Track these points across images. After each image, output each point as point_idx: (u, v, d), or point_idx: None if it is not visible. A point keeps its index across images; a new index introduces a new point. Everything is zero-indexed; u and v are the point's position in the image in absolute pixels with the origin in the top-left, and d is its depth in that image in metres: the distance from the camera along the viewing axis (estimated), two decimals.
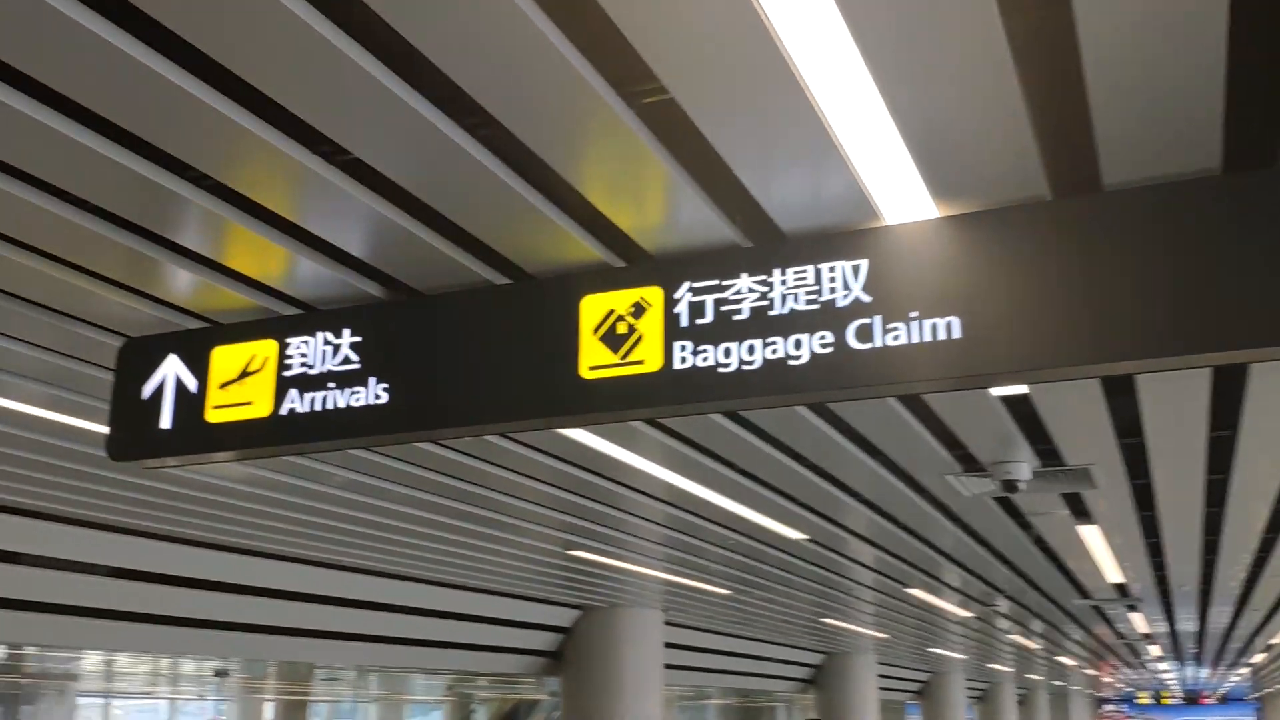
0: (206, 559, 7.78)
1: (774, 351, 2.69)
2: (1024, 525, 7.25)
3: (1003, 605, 11.99)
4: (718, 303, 2.77)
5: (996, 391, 4.16)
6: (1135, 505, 6.38)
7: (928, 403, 4.47)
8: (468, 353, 2.96)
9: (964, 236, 2.61)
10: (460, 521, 6.69)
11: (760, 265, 2.76)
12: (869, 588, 10.39)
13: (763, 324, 2.72)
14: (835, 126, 2.42)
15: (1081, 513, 6.73)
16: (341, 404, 3.04)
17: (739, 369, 2.71)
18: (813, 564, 8.81)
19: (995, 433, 4.81)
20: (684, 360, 2.76)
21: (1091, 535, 7.32)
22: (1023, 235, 2.56)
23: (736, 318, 2.74)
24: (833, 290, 2.68)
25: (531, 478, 5.64)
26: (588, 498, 6.18)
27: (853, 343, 2.63)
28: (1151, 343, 2.42)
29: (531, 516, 6.65)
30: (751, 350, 2.71)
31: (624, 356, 2.81)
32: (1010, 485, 5.23)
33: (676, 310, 2.80)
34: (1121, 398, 4.43)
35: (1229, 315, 2.36)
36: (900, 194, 2.68)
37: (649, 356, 2.79)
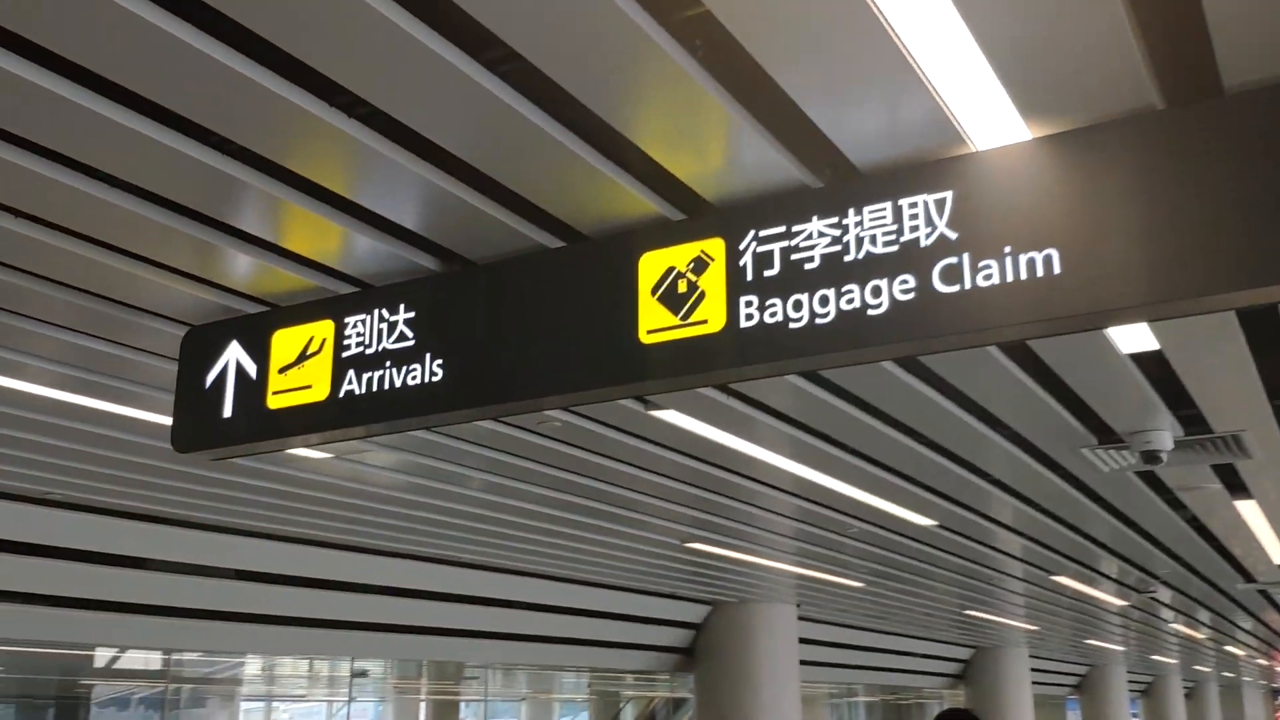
0: (349, 561, 7.91)
1: (850, 301, 2.41)
2: (1175, 504, 6.69)
3: (1160, 592, 11.24)
4: (786, 251, 2.51)
5: (1126, 348, 3.75)
6: None
7: (1052, 367, 4.08)
8: (523, 322, 2.77)
9: (1060, 158, 2.28)
10: (589, 519, 6.63)
11: (833, 206, 2.49)
12: (1012, 576, 9.85)
13: (837, 271, 2.44)
14: (907, 41, 2.13)
15: (1238, 487, 6.16)
16: (398, 383, 2.89)
17: (811, 323, 2.44)
18: (948, 552, 8.37)
19: (1130, 398, 4.38)
20: (750, 317, 2.51)
21: (1250, 511, 6.71)
22: (1128, 152, 2.22)
23: (808, 266, 2.48)
24: (914, 229, 2.39)
25: (654, 472, 5.51)
26: (708, 489, 5.98)
27: (939, 285, 2.34)
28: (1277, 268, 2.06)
29: (655, 511, 6.49)
30: (825, 301, 2.44)
31: (685, 317, 2.57)
32: (1151, 456, 4.78)
33: (741, 263, 2.55)
34: (1273, 355, 3.97)
35: None
36: (986, 115, 2.37)
37: (712, 315, 2.54)
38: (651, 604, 11.00)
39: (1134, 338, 3.63)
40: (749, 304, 2.51)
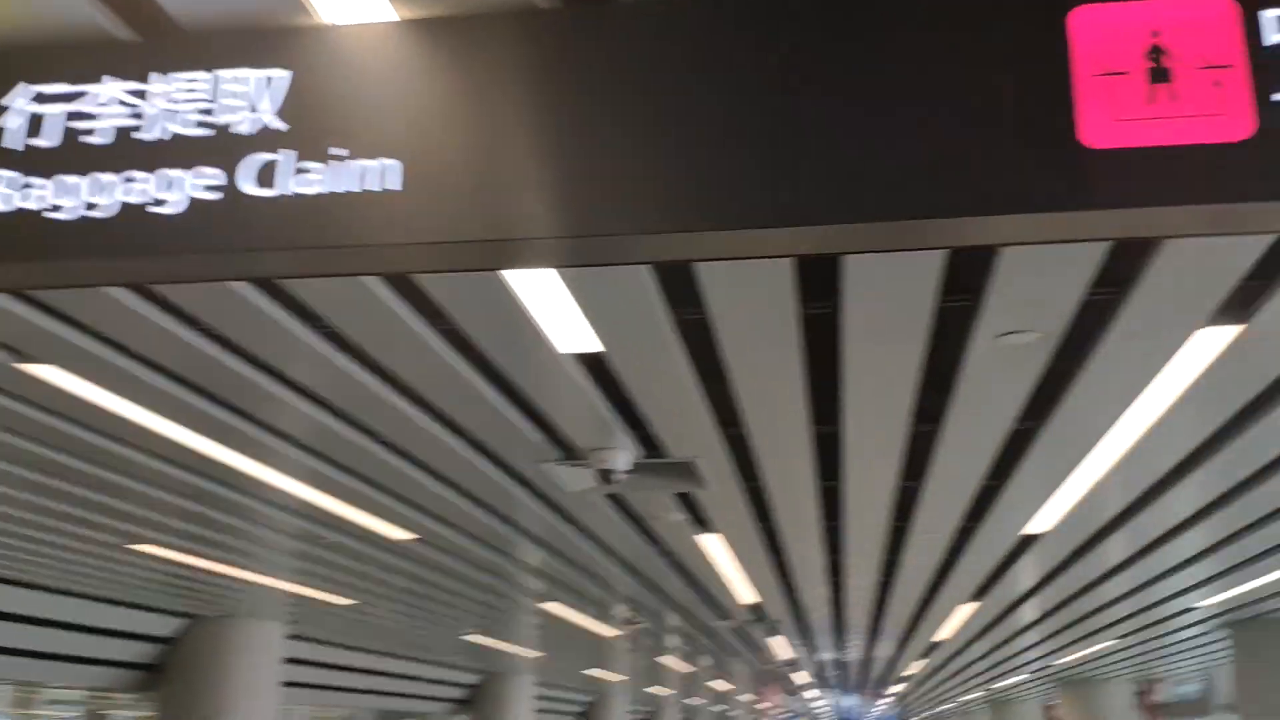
0: None
1: (137, 193, 1.80)
2: (649, 535, 6.69)
3: (646, 624, 11.56)
4: (70, 117, 1.85)
5: (564, 346, 3.45)
6: (752, 513, 5.93)
7: (496, 365, 3.72)
8: None
9: (429, 50, 1.82)
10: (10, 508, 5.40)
11: (135, 67, 1.86)
12: (504, 597, 9.62)
13: (127, 152, 1.82)
14: None
15: (701, 520, 6.23)
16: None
17: (83, 218, 1.79)
18: (432, 568, 7.93)
19: (583, 410, 4.12)
20: (5, 199, 1.81)
21: (715, 546, 6.86)
22: (504, 52, 1.80)
23: (90, 140, 1.83)
24: (235, 110, 1.82)
25: (61, 449, 4.50)
26: (140, 479, 5.04)
27: (248, 186, 1.78)
28: (663, 217, 1.71)
29: (89, 504, 5.43)
30: (105, 190, 1.80)
31: None
32: (609, 476, 4.57)
33: (2, 124, 1.86)
34: (720, 382, 3.86)
35: (800, 183, 1.68)
36: None
37: None
38: (106, 613, 9.62)
39: (572, 335, 3.32)
40: (7, 182, 1.82)
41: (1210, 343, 3.13)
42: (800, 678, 20.99)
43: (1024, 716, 25.29)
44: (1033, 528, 5.98)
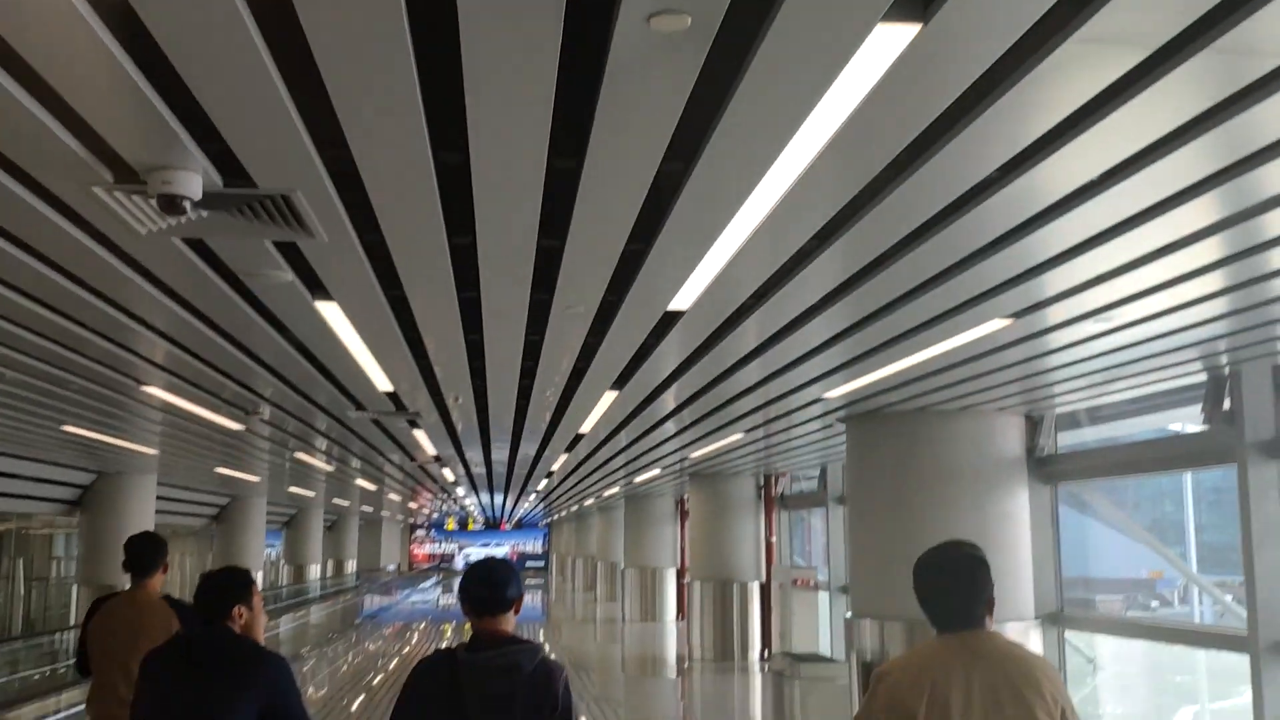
0: None
1: None
2: (254, 302, 5.80)
3: (272, 415, 10.67)
4: None
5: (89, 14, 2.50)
6: (375, 276, 5.20)
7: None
8: None
9: None
10: None
11: None
12: (91, 383, 8.39)
13: None
14: None
15: (317, 286, 5.43)
16: None
17: None
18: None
19: (129, 111, 3.17)
20: None
21: (336, 318, 6.08)
22: None
23: None
24: None
25: None
26: None
27: None
28: None
29: None
30: None
31: None
32: (173, 205, 3.64)
33: None
34: (316, 93, 3.04)
35: None
36: None
37: None
38: None
39: None
40: None
41: (883, 48, 2.70)
42: (446, 474, 20.88)
43: (658, 509, 26.81)
44: (676, 303, 5.66)
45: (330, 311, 5.90)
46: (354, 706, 14.79)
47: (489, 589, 3.52)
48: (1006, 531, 9.29)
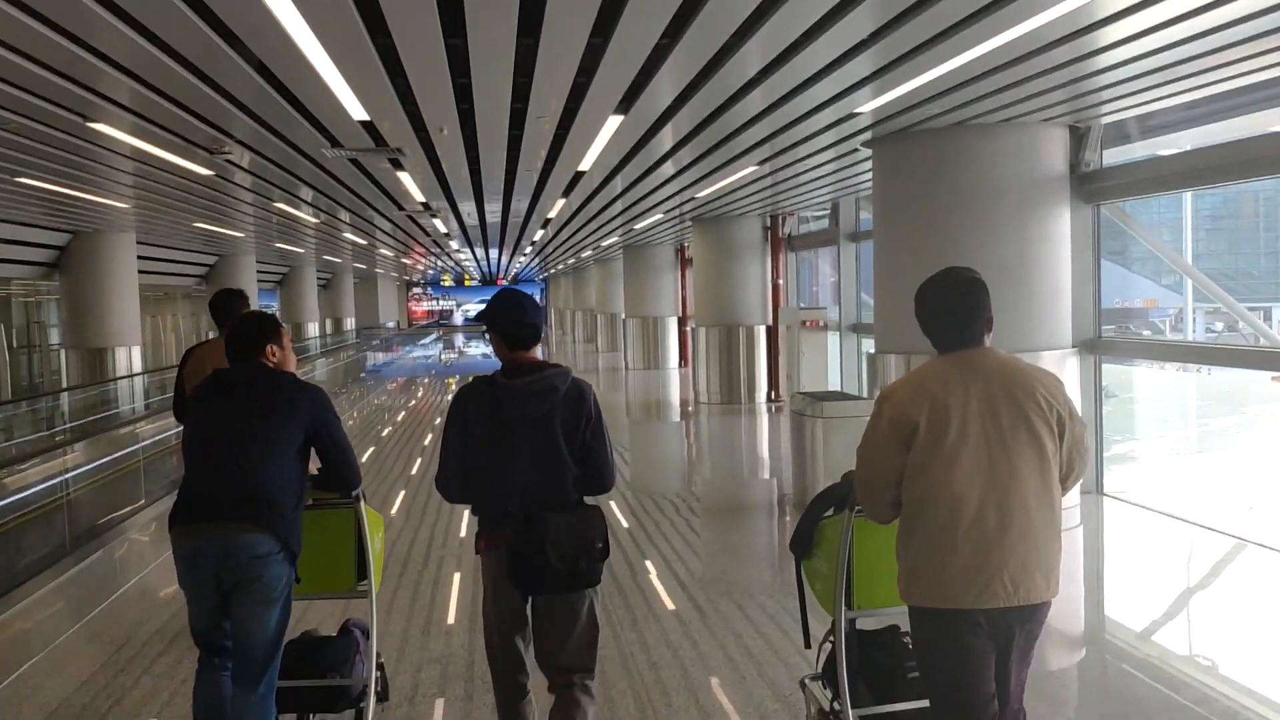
0: None
1: None
2: (216, 25, 4.90)
3: (241, 157, 9.79)
4: None
5: None
6: None
7: None
8: None
9: None
10: None
11: None
12: (38, 124, 7.52)
13: None
14: None
15: None
16: None
17: None
18: None
19: None
20: None
21: (298, 29, 5.17)
22: None
23: None
24: None
25: None
26: None
27: None
28: None
29: None
30: None
31: None
32: None
33: None
34: None
35: None
36: None
37: None
38: None
39: None
40: None
41: None
42: (438, 226, 20.10)
43: (658, 258, 26.23)
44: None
45: (288, 16, 4.97)
46: (364, 459, 14.65)
47: (524, 327, 3.76)
48: (1047, 254, 8.63)
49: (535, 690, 3.81)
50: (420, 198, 14.19)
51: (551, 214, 17.35)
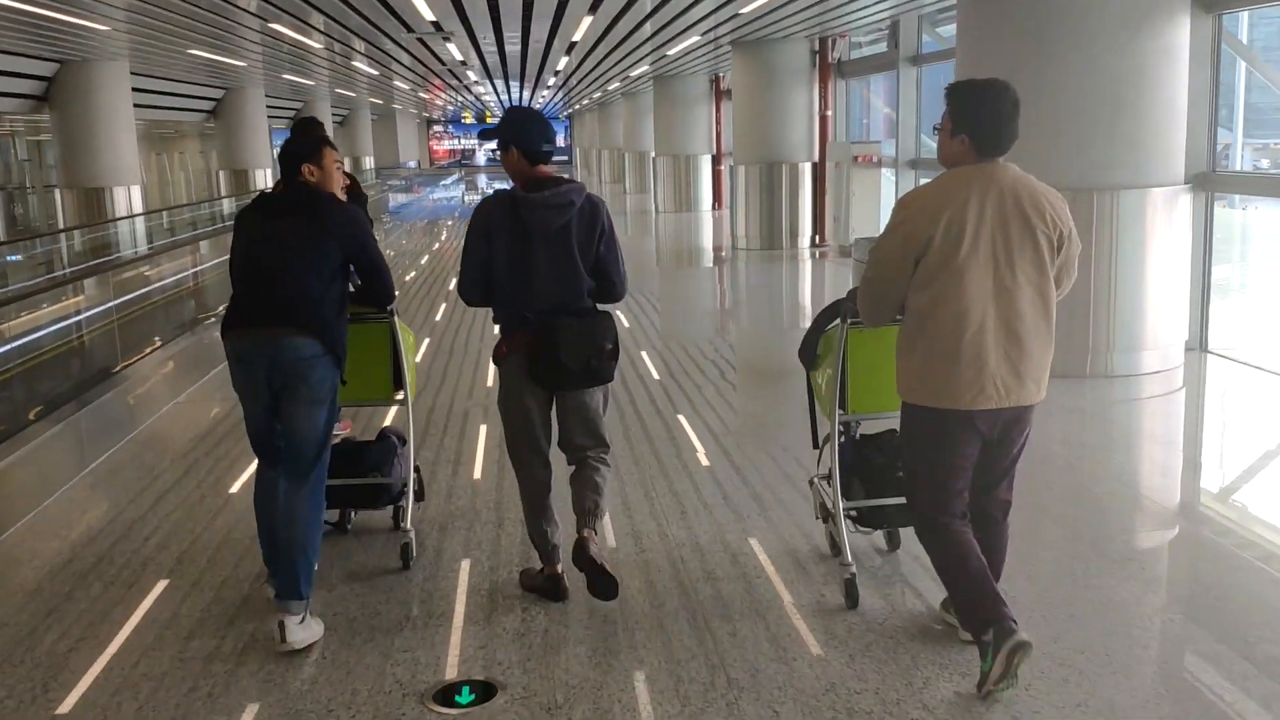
0: None
1: None
2: None
3: None
4: None
5: None
6: None
7: None
8: None
9: None
10: None
11: None
12: None
13: None
14: None
15: None
16: None
17: None
18: None
19: None
20: None
21: None
22: None
23: None
24: None
25: None
26: None
27: None
28: None
29: None
30: None
31: None
32: None
33: None
34: None
35: None
36: None
37: None
38: None
39: None
40: None
41: None
42: (456, 53, 18.60)
43: (691, 90, 24.61)
44: None
45: None
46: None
47: (547, 141, 3.98)
48: (1163, 72, 7.33)
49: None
50: (430, 15, 12.77)
51: (576, 36, 15.84)
